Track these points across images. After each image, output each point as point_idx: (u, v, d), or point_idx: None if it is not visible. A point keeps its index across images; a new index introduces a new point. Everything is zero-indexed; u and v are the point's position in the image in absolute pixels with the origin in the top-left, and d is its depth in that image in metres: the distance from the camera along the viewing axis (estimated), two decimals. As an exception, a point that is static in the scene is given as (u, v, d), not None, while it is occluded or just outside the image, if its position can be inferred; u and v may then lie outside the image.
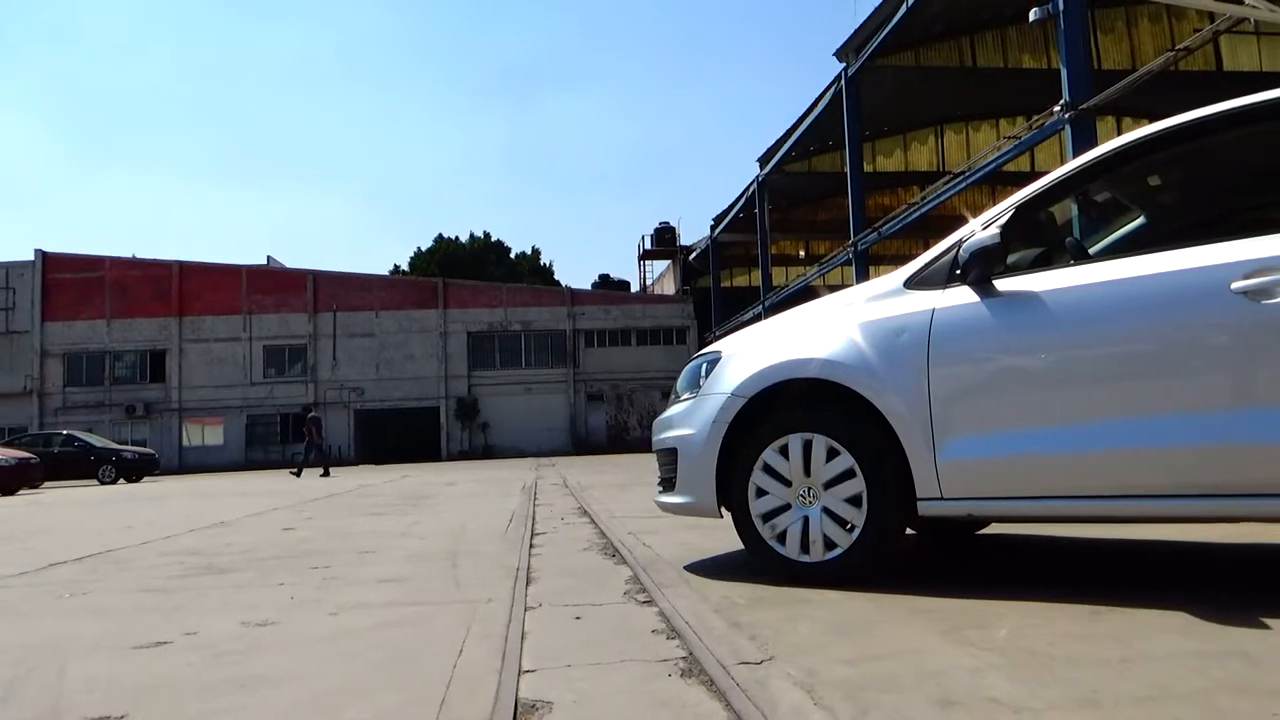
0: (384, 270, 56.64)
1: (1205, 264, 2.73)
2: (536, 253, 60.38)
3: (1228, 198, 4.11)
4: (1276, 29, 15.24)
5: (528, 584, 3.63)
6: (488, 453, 37.93)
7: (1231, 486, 2.64)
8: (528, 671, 2.28)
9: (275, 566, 4.49)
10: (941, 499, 3.04)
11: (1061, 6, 12.71)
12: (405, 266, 57.32)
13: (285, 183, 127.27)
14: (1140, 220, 3.96)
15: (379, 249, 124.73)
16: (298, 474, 20.40)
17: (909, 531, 3.39)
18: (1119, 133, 15.52)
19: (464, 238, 58.42)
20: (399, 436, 39.35)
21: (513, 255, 59.29)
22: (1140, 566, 3.65)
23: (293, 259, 66.31)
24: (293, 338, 39.28)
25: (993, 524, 4.48)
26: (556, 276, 58.70)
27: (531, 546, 4.87)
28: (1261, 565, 3.63)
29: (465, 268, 51.62)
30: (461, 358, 39.66)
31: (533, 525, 6.09)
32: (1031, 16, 13.11)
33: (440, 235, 58.58)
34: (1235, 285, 2.63)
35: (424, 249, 57.84)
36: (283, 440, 38.47)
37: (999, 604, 2.81)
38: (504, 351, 40.23)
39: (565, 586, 3.53)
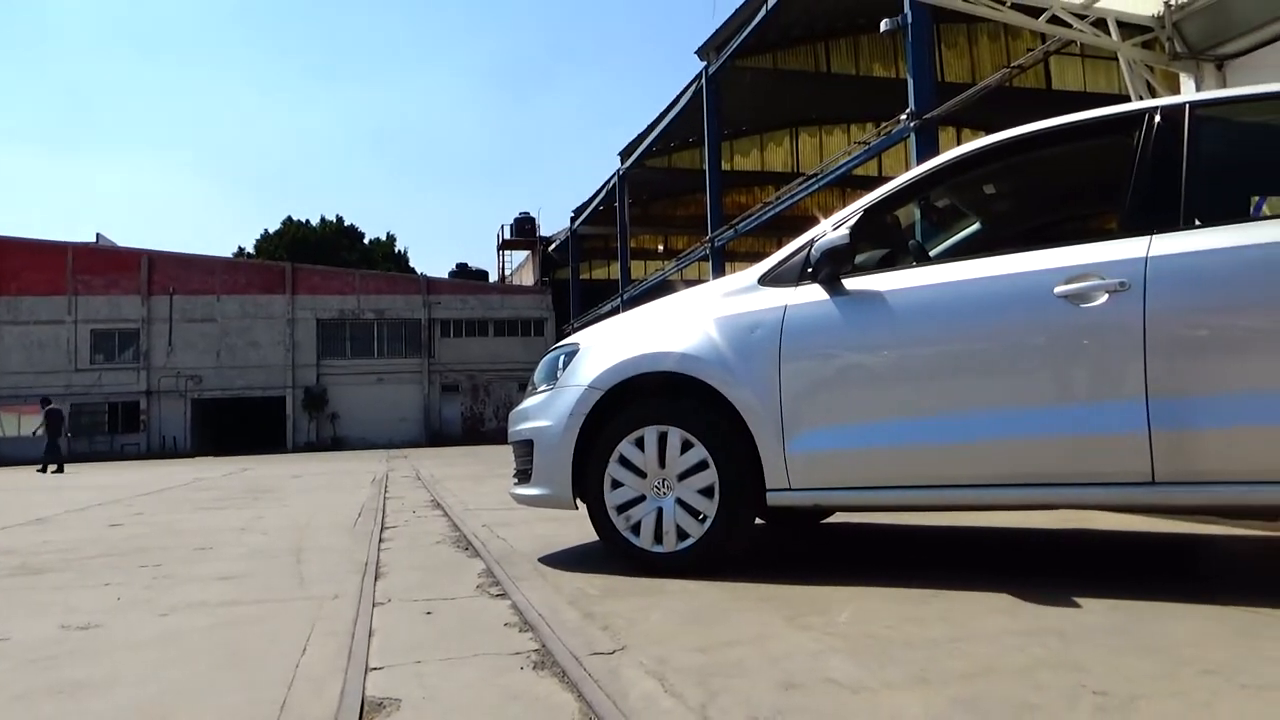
0: (228, 252, 53.86)
1: (1032, 269, 2.93)
2: (392, 239, 58.78)
3: (1054, 207, 4.41)
4: (1099, 53, 16.42)
5: (376, 579, 3.53)
6: (337, 444, 36.67)
7: (1054, 476, 2.84)
8: (375, 669, 2.22)
9: (100, 566, 4.20)
10: (790, 489, 3.14)
11: (909, 20, 13.33)
12: (251, 249, 54.68)
13: (119, 153, 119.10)
14: (976, 226, 4.20)
15: (223, 230, 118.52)
16: (43, 470, 19.36)
17: (758, 521, 3.49)
18: (959, 142, 16.37)
19: (315, 221, 56.23)
20: (241, 427, 37.50)
21: (367, 241, 57.47)
22: (971, 552, 3.88)
23: (126, 238, 62.19)
24: (124, 322, 36.83)
25: (837, 513, 4.66)
26: (412, 264, 57.36)
27: (381, 541, 4.75)
28: (1076, 549, 3.93)
29: (316, 252, 49.68)
30: (310, 346, 38.18)
31: (383, 519, 5.93)
32: (882, 27, 13.70)
33: (289, 218, 56.16)
34: (1058, 290, 2.83)
35: (271, 231, 55.34)
36: (111, 430, 36.08)
37: (841, 589, 2.93)
38: (356, 340, 38.98)
39: (416, 581, 3.46)
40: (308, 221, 56.08)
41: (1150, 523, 4.43)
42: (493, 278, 49.30)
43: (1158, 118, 2.98)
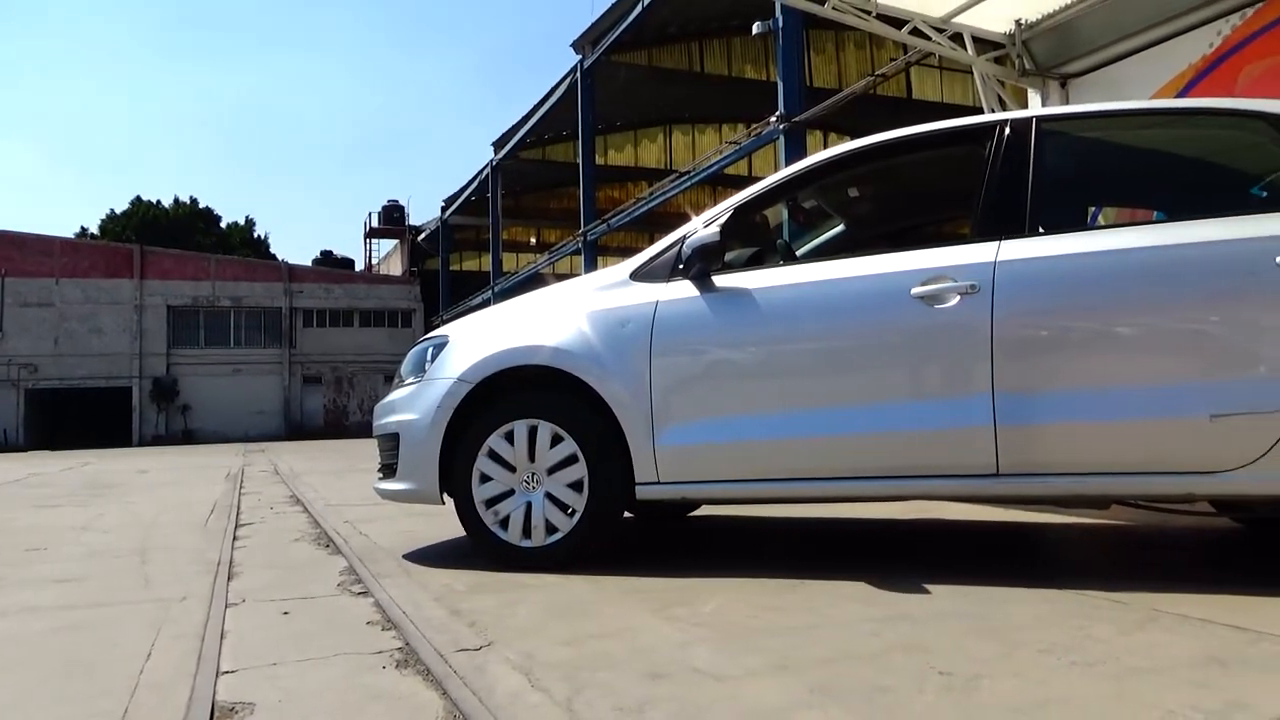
0: (69, 232, 50.32)
1: (891, 270, 3.06)
2: (250, 223, 56.13)
3: (913, 211, 4.61)
4: (956, 66, 17.24)
5: (229, 579, 3.37)
6: (188, 438, 34.84)
7: (909, 469, 2.98)
8: (227, 672, 2.12)
9: (-84, 568, 3.86)
10: (659, 483, 3.18)
11: (780, 24, 13.66)
12: (95, 230, 51.27)
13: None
14: (840, 227, 4.35)
15: (63, 208, 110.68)
16: None
17: (627, 515, 3.51)
18: (826, 146, 16.87)
19: (167, 202, 53.18)
20: (82, 420, 35.12)
21: (223, 225, 54.73)
22: (831, 542, 4.02)
23: (-50, 213, 57.20)
24: (-53, 304, 33.96)
25: (704, 506, 4.75)
26: (273, 250, 54.96)
27: (235, 538, 4.54)
28: (928, 538, 4.12)
29: (168, 235, 46.96)
30: (160, 334, 36.10)
31: (237, 515, 5.68)
32: (754, 30, 13.99)
33: (139, 198, 52.85)
34: (915, 291, 2.96)
35: (119, 211, 52.04)
36: (-68, 422, 33.24)
37: (707, 581, 2.98)
38: (210, 329, 37.09)
39: (273, 580, 3.33)
40: (159, 203, 52.99)
41: (995, 512, 4.69)
42: (359, 267, 47.87)
43: (1007, 130, 3.15)
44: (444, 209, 36.18)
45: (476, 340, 3.50)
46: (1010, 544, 3.94)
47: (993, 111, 7.42)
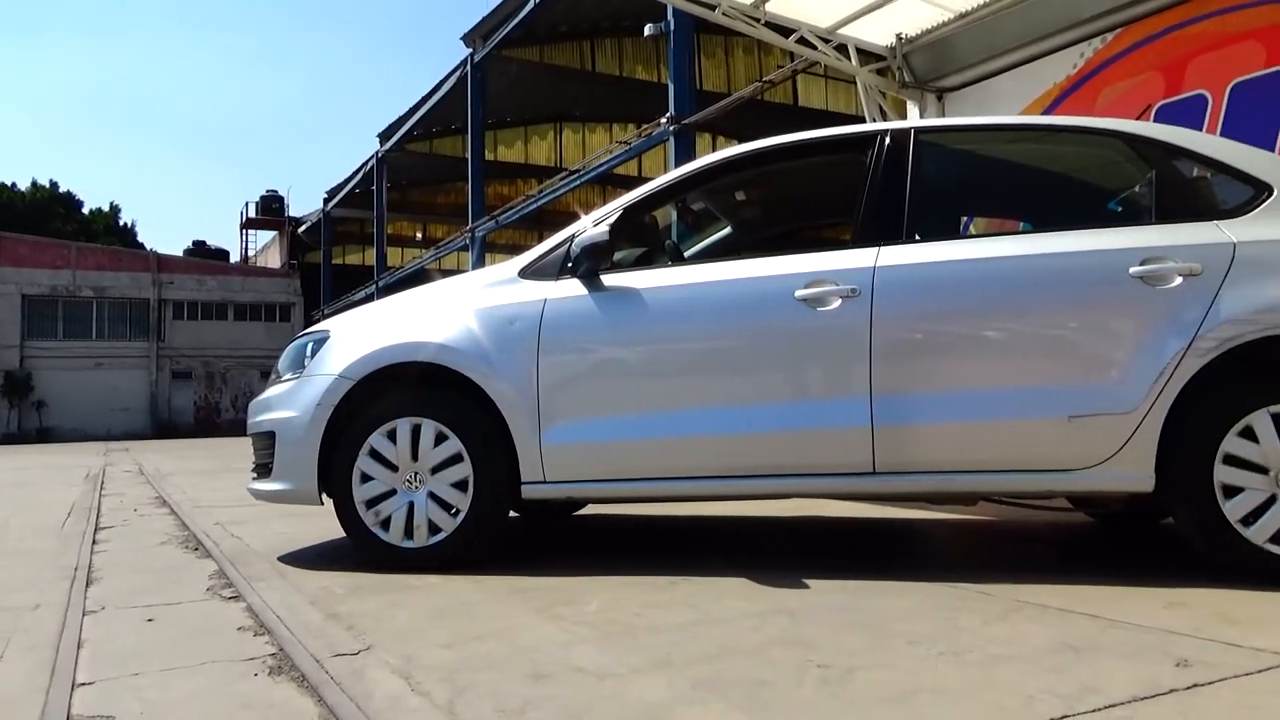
0: (-92, 215, 46.62)
1: (776, 273, 3.12)
2: (116, 210, 53.14)
3: (798, 215, 4.72)
4: (840, 75, 17.73)
5: (88, 585, 3.19)
6: (43, 436, 32.72)
7: (791, 467, 3.05)
8: (84, 684, 2.00)
9: None
10: (545, 482, 3.16)
11: (672, 26, 13.78)
12: (-60, 212, 47.65)
13: None
14: (727, 229, 4.42)
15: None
16: None
17: (512, 514, 3.48)
18: (714, 149, 17.09)
19: (23, 185, 49.87)
20: (-77, 416, 32.63)
21: (86, 211, 51.68)
22: (714, 540, 4.08)
23: None
24: None
25: (589, 505, 4.75)
26: (140, 239, 52.18)
27: (95, 542, 4.29)
28: (808, 535, 4.23)
29: (24, 220, 43.99)
30: (13, 325, 33.79)
31: (97, 518, 5.37)
32: (646, 31, 14.09)
33: (-10, 179, 49.44)
34: (798, 293, 3.03)
35: (-34, 193, 48.50)
36: None
37: (592, 580, 2.99)
38: (70, 320, 34.93)
39: (136, 585, 3.16)
40: (14, 185, 49.64)
41: (871, 509, 4.85)
42: (235, 258, 45.95)
43: (887, 140, 3.26)
44: (326, 201, 35.09)
45: (359, 336, 3.41)
46: (885, 539, 4.08)
47: (874, 121, 7.68)
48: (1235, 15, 5.92)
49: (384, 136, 28.37)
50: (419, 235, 36.65)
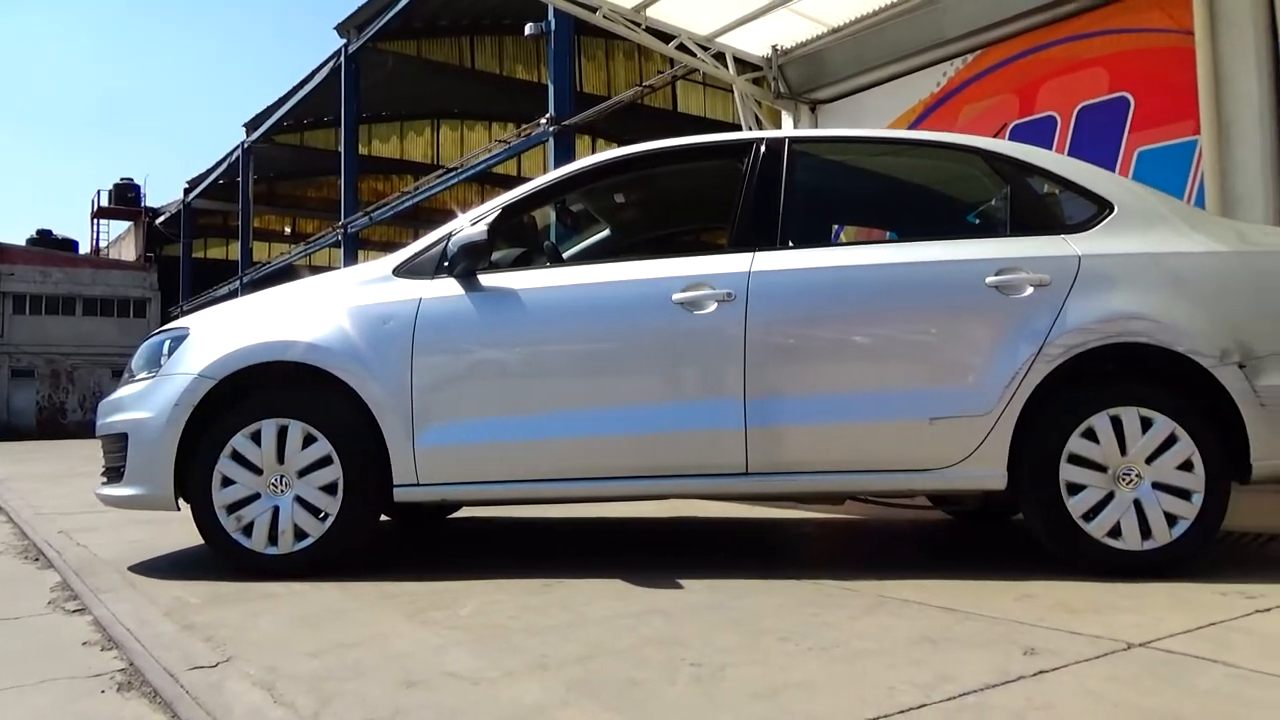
0: None
1: (654, 276, 3.16)
2: (-50, 194, 49.23)
3: (676, 219, 4.78)
4: (718, 83, 18.05)
5: (-88, 599, 2.94)
6: None
7: (667, 468, 3.08)
8: (-96, 707, 1.85)
9: None
10: (418, 485, 3.09)
11: (553, 27, 13.75)
12: None
13: None
14: (606, 232, 4.43)
15: None
16: None
17: (383, 518, 3.40)
18: (594, 150, 17.10)
19: None
20: None
21: (-86, 193, 47.61)
22: (590, 541, 4.08)
23: None
24: None
25: (464, 507, 4.68)
26: (-22, 226, 48.40)
27: (-79, 552, 3.96)
28: (682, 535, 4.28)
29: None
30: None
31: (-75, 526, 4.96)
32: (527, 31, 13.99)
33: None
34: (676, 296, 3.07)
35: None
36: None
37: (466, 583, 2.94)
38: (-105, 312, 32.16)
39: (-33, 598, 2.93)
40: None
41: (743, 509, 4.95)
42: (84, 250, 43.21)
43: (763, 148, 3.34)
44: (187, 191, 33.42)
45: (222, 333, 3.26)
46: (756, 539, 4.18)
47: (750, 129, 7.85)
48: (1082, 43, 6.33)
49: (251, 126, 27.23)
50: (287, 230, 35.32)
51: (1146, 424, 2.89)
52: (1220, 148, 5.60)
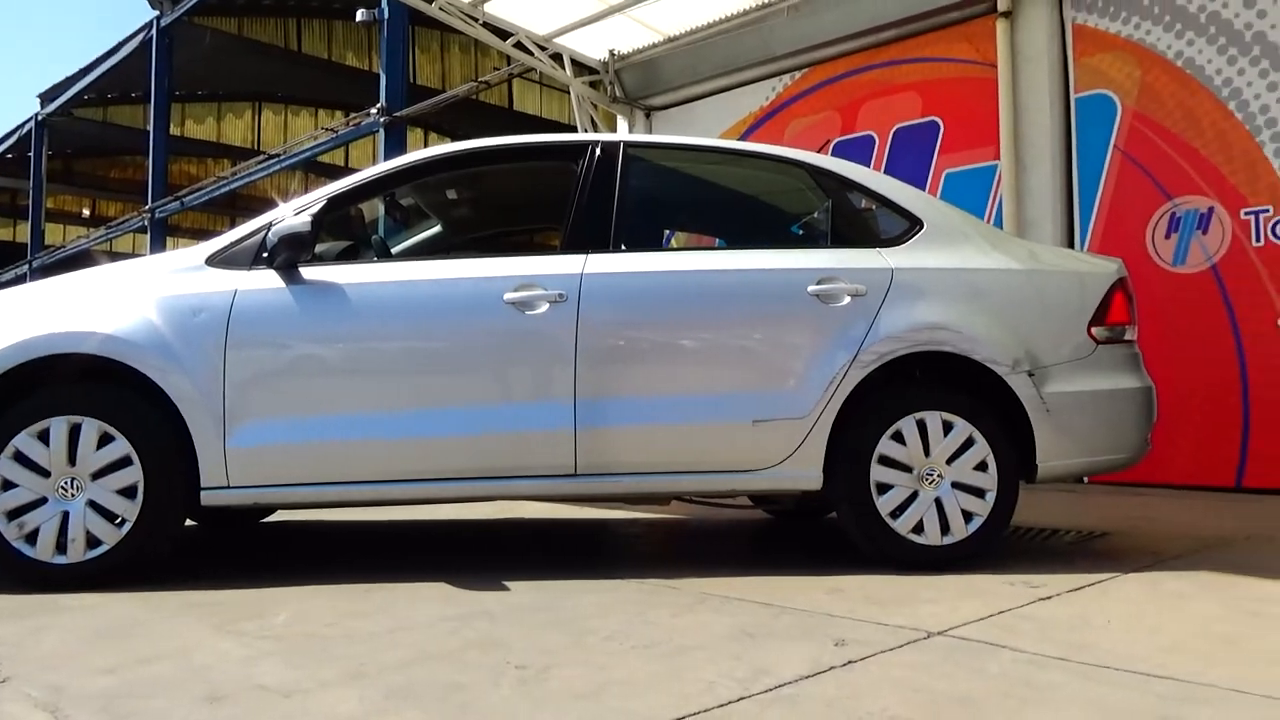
0: None
1: (486, 275, 3.12)
2: None
3: (509, 218, 4.74)
4: (555, 84, 18.07)
5: None
6: None
7: (495, 470, 3.05)
8: None
9: None
10: (229, 487, 2.92)
11: (386, 15, 13.34)
12: None
13: None
14: (437, 228, 4.34)
15: None
16: None
17: (189, 522, 3.19)
18: (427, 144, 16.75)
19: None
20: None
21: None
22: (413, 544, 3.98)
23: None
24: None
25: (279, 511, 4.46)
26: None
27: None
28: (508, 537, 4.25)
29: None
30: None
31: None
32: (358, 17, 13.51)
33: None
34: (507, 296, 3.04)
35: None
36: None
37: (280, 590, 2.81)
38: None
39: None
40: None
41: (570, 510, 4.96)
42: None
43: (598, 150, 3.36)
44: (-32, 164, 30.30)
45: (6, 322, 2.97)
46: (583, 539, 4.20)
47: (586, 131, 7.89)
48: (899, 68, 6.73)
49: (47, 98, 24.99)
50: (86, 212, 32.61)
51: (948, 427, 3.10)
52: (1017, 173, 6.09)
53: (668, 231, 4.93)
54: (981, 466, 3.10)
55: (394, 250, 3.93)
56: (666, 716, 1.69)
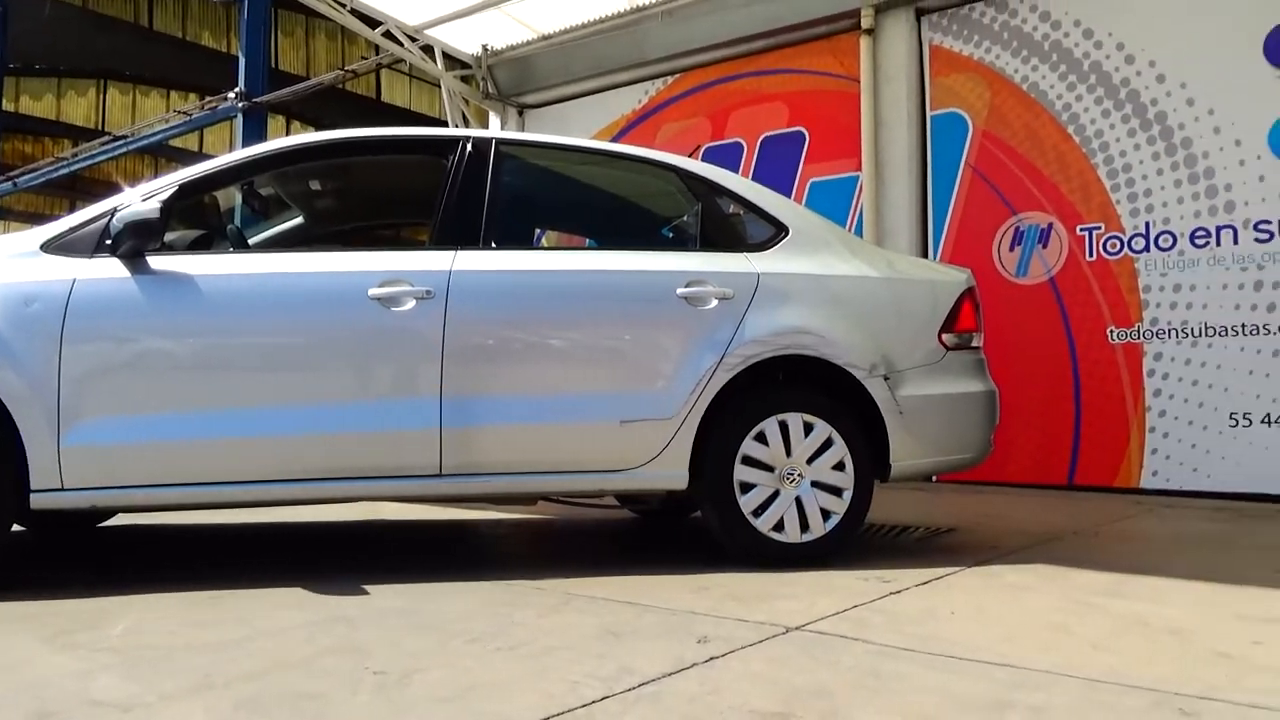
0: None
1: (349, 269, 3.02)
2: None
3: (375, 211, 4.62)
4: (426, 77, 17.74)
5: None
6: None
7: (357, 470, 2.96)
8: None
9: None
10: (63, 490, 2.73)
11: (246, -5, 12.78)
12: None
13: None
14: (299, 219, 4.18)
15: None
16: None
17: (16, 528, 2.97)
18: (288, 133, 16.15)
19: None
20: None
21: None
22: (267, 548, 3.83)
23: None
24: None
25: (123, 514, 4.21)
26: None
27: None
28: (369, 539, 4.14)
29: None
30: None
31: None
32: (215, -5, 12.90)
33: None
34: (372, 292, 2.96)
35: None
36: None
37: (120, 599, 2.64)
38: None
39: None
40: None
41: (434, 511, 4.87)
42: None
43: (469, 146, 3.31)
44: None
45: None
46: (446, 541, 4.13)
47: (458, 127, 7.77)
48: (767, 78, 6.91)
49: None
50: (-97, 190, 29.88)
51: (809, 428, 3.20)
52: (877, 185, 6.35)
53: (539, 231, 4.91)
54: (840, 466, 3.21)
55: (251, 242, 3.76)
56: (531, 718, 1.68)
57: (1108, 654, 2.11)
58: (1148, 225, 5.41)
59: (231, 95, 13.04)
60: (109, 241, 2.87)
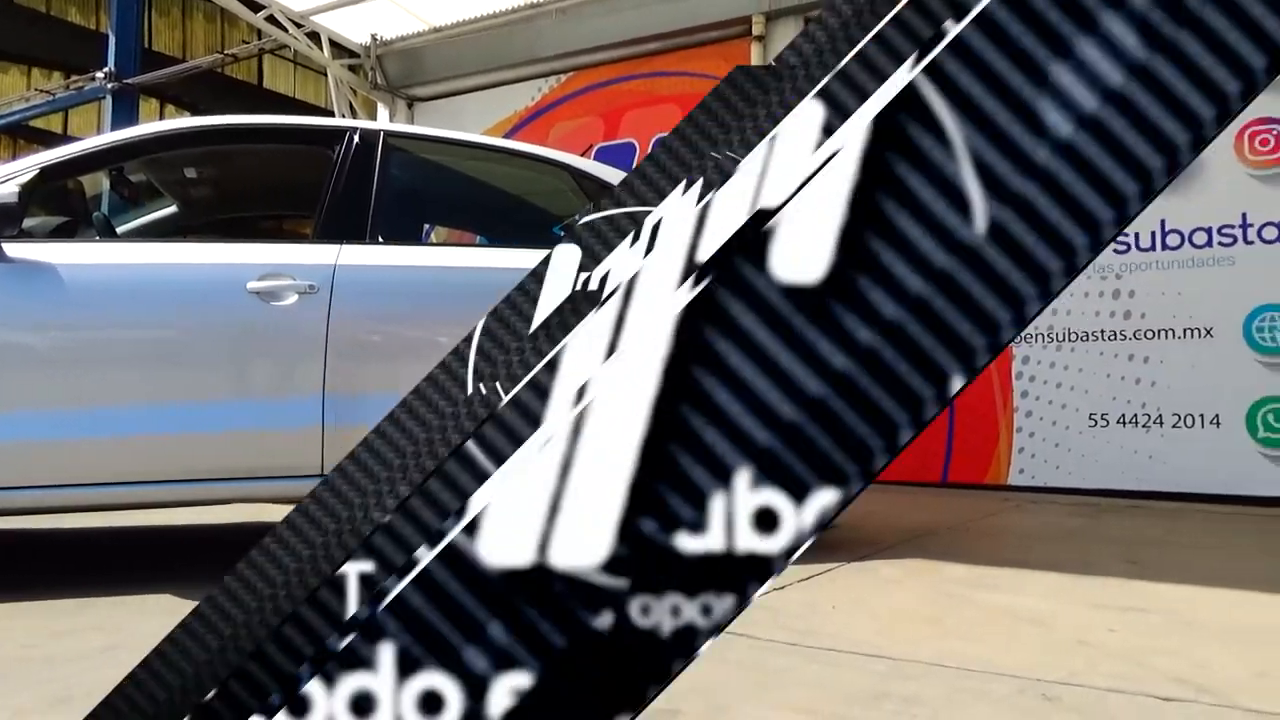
0: None
1: (227, 261, 2.91)
2: None
3: (256, 202, 4.45)
4: (311, 64, 17.23)
5: None
6: None
7: (234, 470, 2.85)
8: None
9: None
10: (-98, 492, 2.54)
11: (116, -29, 12.14)
12: None
13: None
14: (172, 208, 4.01)
15: None
16: None
17: None
18: (162, 117, 15.46)
19: None
20: None
21: None
22: (135, 553, 3.66)
23: None
24: None
25: (-26, 518, 3.95)
26: None
27: None
28: (244, 543, 3.98)
29: None
30: None
31: None
32: (82, -31, 12.21)
33: None
34: (251, 285, 2.86)
35: None
36: None
37: (-30, 609, 2.48)
38: None
39: None
40: None
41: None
42: None
43: (357, 138, 3.23)
44: None
45: None
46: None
47: (345, 117, 7.57)
48: (660, 80, 6.98)
49: None
50: None
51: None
52: (765, 189, 6.47)
53: (427, 226, 4.83)
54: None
55: (120, 230, 3.58)
56: None
57: (976, 644, 2.21)
58: (1018, 236, 5.69)
59: (100, 75, 12.38)
60: (-40, 227, 2.69)
